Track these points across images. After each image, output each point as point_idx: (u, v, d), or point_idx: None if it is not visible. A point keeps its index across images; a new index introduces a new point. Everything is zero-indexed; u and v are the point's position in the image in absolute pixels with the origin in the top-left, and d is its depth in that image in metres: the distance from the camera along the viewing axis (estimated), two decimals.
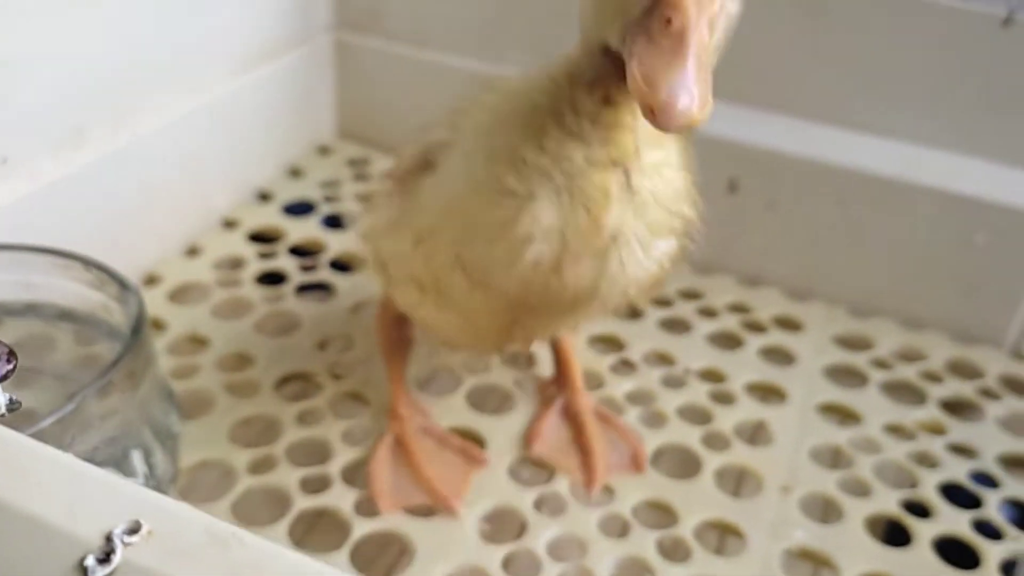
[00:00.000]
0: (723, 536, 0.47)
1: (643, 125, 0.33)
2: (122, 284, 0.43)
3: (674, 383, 0.56)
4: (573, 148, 0.34)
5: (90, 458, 0.31)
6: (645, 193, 0.35)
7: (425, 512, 0.46)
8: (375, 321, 0.53)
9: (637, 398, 0.54)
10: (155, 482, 0.43)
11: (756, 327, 0.61)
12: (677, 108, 0.27)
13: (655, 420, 0.53)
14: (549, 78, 0.35)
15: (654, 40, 0.28)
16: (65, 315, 0.45)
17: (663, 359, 0.57)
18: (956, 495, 0.49)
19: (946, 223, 0.57)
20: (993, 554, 0.46)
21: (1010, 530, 0.47)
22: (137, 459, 0.41)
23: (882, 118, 0.59)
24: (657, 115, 0.27)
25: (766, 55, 0.60)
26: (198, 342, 0.56)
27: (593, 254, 0.35)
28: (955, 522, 0.47)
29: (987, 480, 0.50)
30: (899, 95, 0.59)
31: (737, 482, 0.50)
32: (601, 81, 0.33)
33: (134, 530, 0.20)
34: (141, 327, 0.40)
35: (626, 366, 0.57)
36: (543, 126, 0.35)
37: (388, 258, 0.44)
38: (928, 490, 0.49)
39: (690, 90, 0.27)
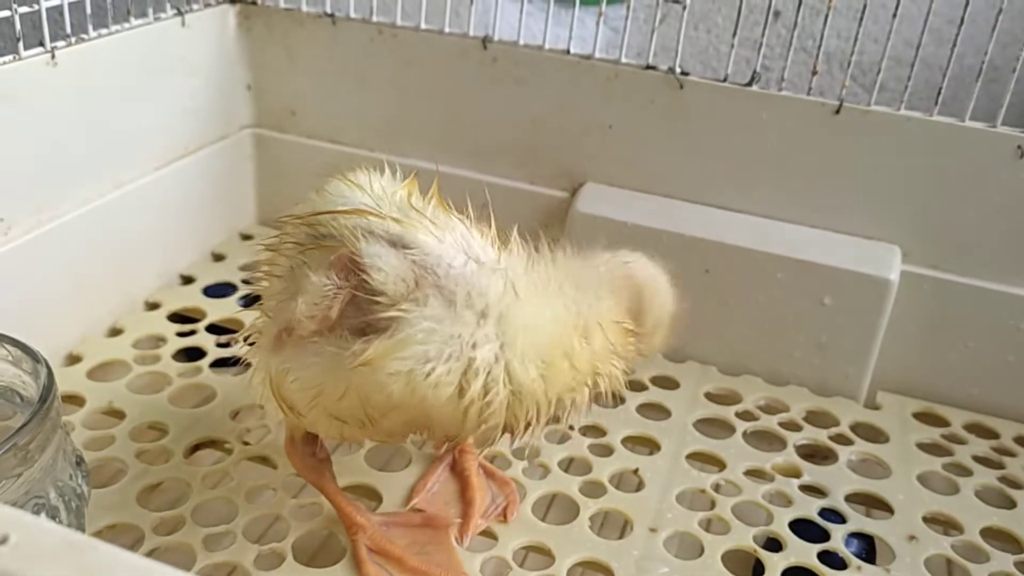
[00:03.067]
0: (595, 574, 0.51)
1: None
2: (35, 358, 0.47)
3: (559, 438, 0.60)
4: None
5: None
6: None
7: None
8: (289, 456, 0.51)
9: (524, 453, 0.59)
10: None
11: (638, 386, 0.66)
12: None
13: (539, 472, 0.57)
14: None
15: None
16: None
17: (551, 418, 0.62)
18: (806, 530, 0.54)
19: (798, 287, 0.64)
20: None
21: (854, 560, 0.52)
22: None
23: (740, 196, 0.66)
24: None
25: (640, 147, 0.68)
26: (114, 415, 0.60)
27: None
28: (804, 554, 0.52)
29: (836, 516, 0.55)
30: (753, 176, 0.66)
31: (609, 525, 0.54)
32: None
33: (2, 542, 0.25)
34: (48, 395, 0.44)
35: None
36: None
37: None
38: (781, 526, 0.54)
39: None
